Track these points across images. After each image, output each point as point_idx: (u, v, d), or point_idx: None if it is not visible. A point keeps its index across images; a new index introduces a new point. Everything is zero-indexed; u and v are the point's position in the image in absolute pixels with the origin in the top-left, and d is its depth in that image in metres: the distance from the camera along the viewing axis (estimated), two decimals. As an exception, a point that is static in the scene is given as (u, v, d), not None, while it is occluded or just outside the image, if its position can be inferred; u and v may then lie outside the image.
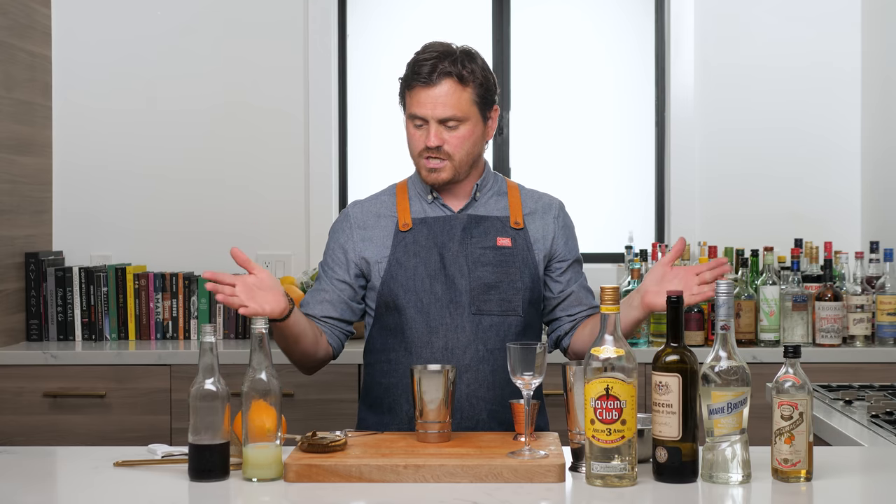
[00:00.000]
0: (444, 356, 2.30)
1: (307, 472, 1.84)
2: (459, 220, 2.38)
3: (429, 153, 2.33)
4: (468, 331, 2.31)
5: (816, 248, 3.75)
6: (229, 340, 3.78)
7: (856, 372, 3.38)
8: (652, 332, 3.61)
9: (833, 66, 4.07)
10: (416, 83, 2.31)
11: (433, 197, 2.40)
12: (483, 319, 2.33)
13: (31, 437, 3.39)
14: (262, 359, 1.86)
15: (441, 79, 2.30)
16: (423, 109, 2.31)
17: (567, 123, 4.22)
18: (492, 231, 2.38)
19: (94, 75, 4.04)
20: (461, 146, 2.33)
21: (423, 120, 2.32)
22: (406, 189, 2.45)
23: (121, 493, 1.81)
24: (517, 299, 2.35)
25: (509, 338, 2.32)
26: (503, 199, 2.44)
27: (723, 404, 1.79)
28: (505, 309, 2.34)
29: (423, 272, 2.32)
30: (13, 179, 3.68)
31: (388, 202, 2.44)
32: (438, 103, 2.30)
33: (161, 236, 4.03)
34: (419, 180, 2.43)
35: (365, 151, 4.21)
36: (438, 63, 2.30)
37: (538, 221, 2.44)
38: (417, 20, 4.19)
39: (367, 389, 2.43)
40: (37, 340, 3.73)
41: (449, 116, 2.31)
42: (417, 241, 2.36)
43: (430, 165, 2.34)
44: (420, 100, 2.31)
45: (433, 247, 2.35)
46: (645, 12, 4.20)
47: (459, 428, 2.28)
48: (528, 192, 2.48)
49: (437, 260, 2.34)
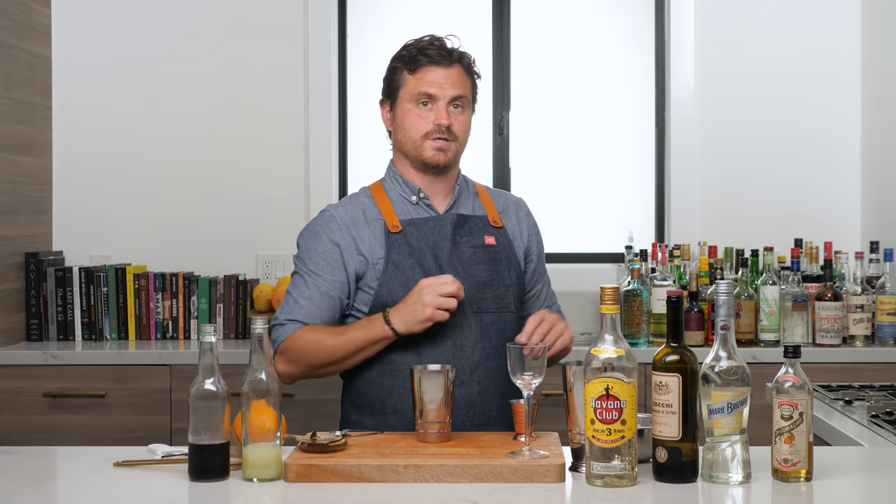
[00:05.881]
0: (453, 354, 2.30)
1: (307, 472, 1.84)
2: (449, 220, 2.38)
3: (437, 133, 2.34)
4: (473, 329, 2.32)
5: (816, 248, 3.75)
6: (229, 340, 3.78)
7: (856, 372, 3.38)
8: (652, 332, 3.61)
9: (833, 66, 4.07)
10: (427, 62, 2.34)
11: (419, 197, 2.40)
12: (483, 317, 2.33)
13: (31, 437, 3.39)
14: (262, 359, 1.86)
15: (454, 61, 2.36)
16: (434, 88, 2.33)
17: (567, 123, 4.22)
18: (476, 230, 2.39)
19: (94, 75, 4.04)
20: (465, 130, 2.38)
21: (430, 99, 2.33)
22: (382, 191, 2.42)
23: (121, 493, 1.81)
24: (509, 296, 2.37)
25: (507, 334, 2.33)
26: (476, 198, 2.47)
27: (723, 404, 1.79)
28: (500, 306, 2.35)
29: (420, 273, 2.31)
30: (13, 179, 3.68)
31: (367, 204, 2.40)
32: (451, 82, 2.34)
33: (161, 236, 4.03)
34: (399, 181, 2.41)
35: (365, 151, 4.20)
36: (451, 47, 2.36)
37: (512, 219, 2.47)
38: (417, 20, 4.19)
39: (359, 391, 2.37)
40: (37, 340, 3.73)
41: (461, 94, 2.35)
42: (410, 242, 2.35)
43: (438, 145, 2.34)
44: (431, 78, 2.33)
45: (426, 247, 2.34)
46: (645, 13, 4.20)
47: (473, 425, 2.29)
48: (493, 191, 2.53)
49: (431, 260, 2.33)
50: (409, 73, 2.35)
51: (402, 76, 2.37)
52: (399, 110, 2.38)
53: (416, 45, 2.37)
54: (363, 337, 2.26)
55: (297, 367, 2.31)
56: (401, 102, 2.37)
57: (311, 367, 2.31)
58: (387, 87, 2.42)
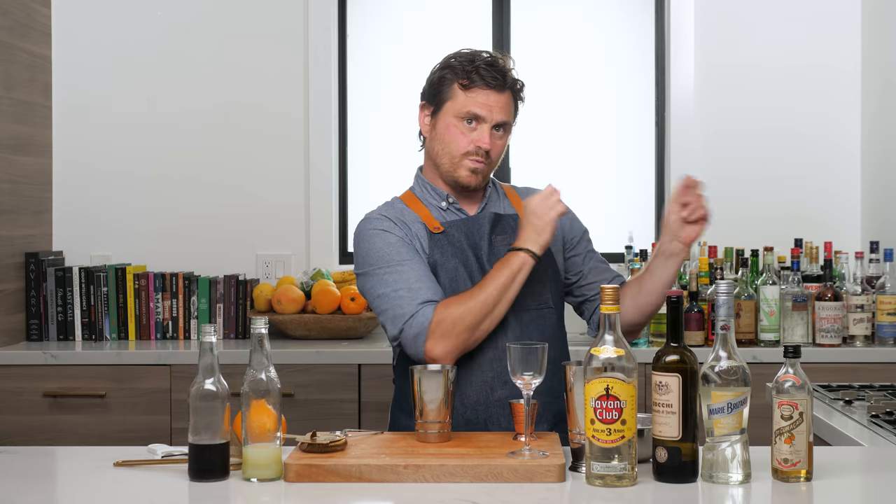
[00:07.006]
0: (495, 355, 2.30)
1: (307, 472, 1.84)
2: (487, 219, 2.39)
3: (476, 155, 2.35)
4: (514, 327, 2.32)
5: (816, 248, 3.75)
6: (229, 340, 3.78)
7: (856, 372, 3.37)
8: (652, 332, 3.60)
9: (833, 66, 4.07)
10: (481, 84, 2.33)
11: (449, 203, 2.41)
12: (523, 315, 2.34)
13: (31, 437, 3.39)
14: (262, 359, 1.86)
15: (507, 87, 2.36)
16: (483, 110, 2.33)
17: (567, 124, 4.22)
18: (510, 229, 2.40)
19: (94, 75, 4.04)
20: (500, 154, 2.40)
21: (478, 120, 2.34)
22: (415, 198, 2.44)
23: (121, 493, 1.81)
24: (546, 292, 2.38)
25: (548, 331, 2.35)
26: (505, 198, 2.49)
27: (723, 404, 1.79)
28: (539, 303, 2.37)
29: (464, 273, 2.32)
30: (13, 179, 3.68)
31: (404, 210, 2.41)
32: (499, 107, 2.35)
33: (161, 236, 4.03)
34: (428, 188, 2.43)
35: (365, 152, 4.20)
36: (507, 72, 2.36)
37: None
38: (417, 21, 4.19)
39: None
40: (37, 340, 3.73)
41: (505, 121, 2.36)
42: (452, 242, 2.36)
43: (474, 166, 2.36)
44: (482, 100, 2.33)
45: (468, 247, 2.36)
46: (645, 12, 4.20)
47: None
48: (520, 189, 2.54)
49: (473, 260, 2.35)
50: (462, 88, 2.34)
51: (453, 89, 2.35)
52: (441, 122, 2.37)
53: (471, 61, 2.35)
54: (506, 274, 2.24)
55: (456, 339, 2.23)
56: (445, 115, 2.36)
57: (469, 332, 2.24)
58: (432, 92, 2.39)
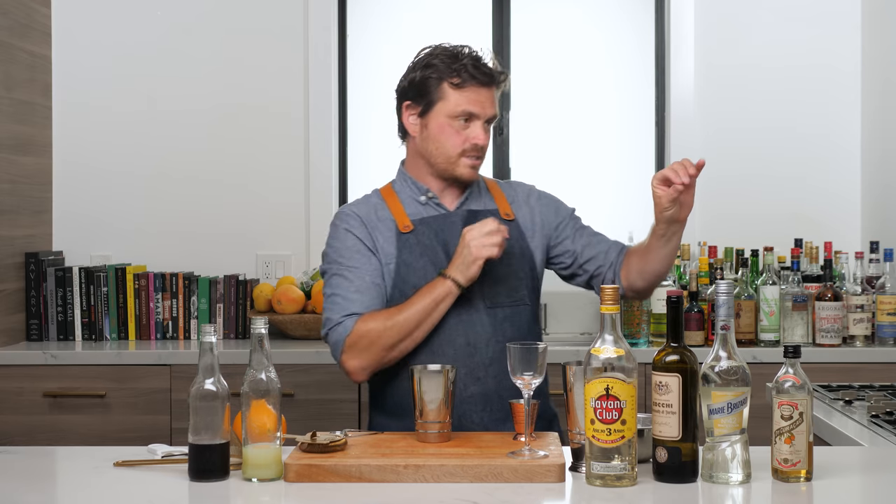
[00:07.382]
0: (467, 352, 2.30)
1: (307, 472, 1.84)
2: (459, 216, 2.39)
3: (474, 151, 2.36)
4: (487, 325, 2.32)
5: (816, 248, 3.75)
6: (229, 340, 3.78)
7: (856, 372, 3.37)
8: (652, 332, 3.60)
9: (833, 66, 4.06)
10: (472, 82, 2.33)
11: (428, 197, 2.41)
12: (498, 312, 2.34)
13: (31, 437, 3.39)
14: (262, 359, 1.86)
15: (495, 81, 2.37)
16: (476, 107, 2.34)
17: (567, 123, 4.22)
18: None
19: (94, 75, 4.04)
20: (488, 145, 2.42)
21: (471, 117, 2.35)
22: (393, 193, 2.44)
23: (121, 493, 1.81)
24: (522, 288, 2.38)
25: (523, 328, 2.34)
26: (487, 193, 2.49)
27: (723, 404, 1.79)
28: (514, 300, 2.36)
29: (433, 272, 2.32)
30: (13, 179, 3.68)
31: (378, 205, 2.42)
32: (490, 102, 2.37)
33: (161, 236, 4.03)
34: (408, 182, 2.43)
35: (365, 151, 4.20)
36: (493, 66, 2.37)
37: (523, 209, 2.48)
38: (417, 20, 4.19)
39: (384, 395, 2.37)
40: (37, 340, 3.73)
41: (494, 115, 2.38)
42: (421, 241, 2.35)
43: (473, 163, 2.38)
44: (474, 98, 2.34)
45: (437, 245, 2.35)
46: (645, 12, 4.20)
47: (491, 421, 2.28)
48: (503, 183, 2.54)
49: (443, 258, 2.34)
50: (452, 88, 2.33)
51: (442, 89, 2.34)
52: (434, 122, 2.36)
53: (455, 58, 2.34)
54: (429, 300, 2.25)
55: (370, 356, 2.27)
56: (437, 115, 2.36)
57: (384, 351, 2.26)
58: (417, 92, 2.38)
